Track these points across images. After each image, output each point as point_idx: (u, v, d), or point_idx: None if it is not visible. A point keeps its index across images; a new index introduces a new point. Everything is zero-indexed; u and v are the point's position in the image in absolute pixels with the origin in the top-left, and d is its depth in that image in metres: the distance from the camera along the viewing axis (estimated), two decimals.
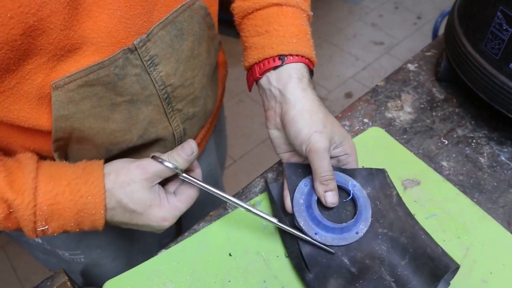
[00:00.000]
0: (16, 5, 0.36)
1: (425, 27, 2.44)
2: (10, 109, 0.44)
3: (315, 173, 0.51)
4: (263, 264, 0.53)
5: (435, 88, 0.76)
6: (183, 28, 0.50)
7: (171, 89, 0.52)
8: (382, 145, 0.66)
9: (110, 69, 0.45)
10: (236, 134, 1.97)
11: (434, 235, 0.53)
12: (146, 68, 0.48)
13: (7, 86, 0.42)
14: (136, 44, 0.46)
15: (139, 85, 0.49)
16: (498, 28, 0.60)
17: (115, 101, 0.48)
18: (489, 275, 0.52)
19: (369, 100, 0.74)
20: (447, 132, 0.69)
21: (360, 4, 2.62)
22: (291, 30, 0.55)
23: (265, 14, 0.56)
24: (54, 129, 0.47)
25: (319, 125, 0.51)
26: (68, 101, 0.45)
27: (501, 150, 0.66)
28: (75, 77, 0.44)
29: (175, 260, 0.54)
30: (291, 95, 0.52)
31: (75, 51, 0.43)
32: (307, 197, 0.53)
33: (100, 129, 0.49)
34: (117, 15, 0.44)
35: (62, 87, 0.44)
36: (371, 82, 2.13)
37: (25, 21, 0.37)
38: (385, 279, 0.48)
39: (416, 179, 0.61)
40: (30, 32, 0.38)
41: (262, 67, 0.55)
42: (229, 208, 0.59)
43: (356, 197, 0.53)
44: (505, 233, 0.56)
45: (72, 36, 0.42)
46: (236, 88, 2.18)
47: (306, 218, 0.51)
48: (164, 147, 0.57)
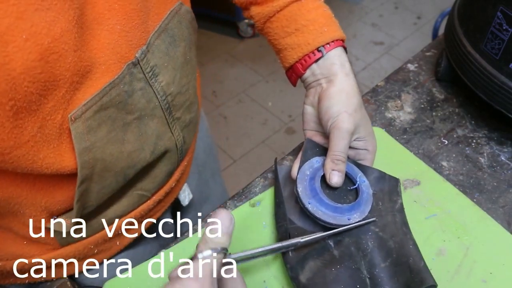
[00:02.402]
0: (28, 25, 0.35)
1: (425, 27, 2.44)
2: (35, 160, 0.40)
3: (330, 150, 0.52)
4: (263, 264, 0.53)
5: (435, 88, 0.76)
6: (174, 35, 0.50)
7: (171, 98, 0.52)
8: (382, 145, 0.65)
9: (120, 87, 0.44)
10: (236, 134, 1.97)
11: (434, 235, 0.53)
12: (148, 80, 0.47)
13: (30, 133, 0.38)
14: (138, 57, 0.45)
15: (144, 99, 0.48)
16: (498, 28, 0.60)
17: (126, 120, 0.47)
18: (489, 275, 0.52)
19: (369, 100, 0.74)
20: (447, 132, 0.69)
21: (360, 4, 2.62)
22: (319, 21, 0.56)
23: (288, 13, 0.57)
24: (79, 165, 0.43)
25: (351, 107, 0.53)
26: (87, 131, 0.42)
27: (501, 150, 0.66)
28: (91, 104, 0.42)
29: (175, 260, 0.54)
30: (334, 77, 0.55)
31: (87, 75, 0.41)
32: (314, 171, 0.54)
33: (118, 153, 0.47)
34: (117, 29, 0.42)
35: (80, 117, 0.41)
36: (371, 82, 2.13)
37: (40, 42, 0.35)
38: (362, 272, 0.48)
39: (416, 179, 0.61)
40: (47, 56, 0.36)
41: (304, 63, 0.56)
42: (229, 208, 0.60)
43: (361, 190, 0.53)
44: (505, 233, 0.56)
45: (83, 57, 0.40)
46: (236, 88, 2.18)
47: (305, 187, 0.52)
48: (169, 160, 0.57)
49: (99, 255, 0.57)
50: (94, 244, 0.55)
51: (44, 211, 0.47)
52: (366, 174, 0.56)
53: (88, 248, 0.55)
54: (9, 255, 0.51)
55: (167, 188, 0.60)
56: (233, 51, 2.40)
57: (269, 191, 0.60)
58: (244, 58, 2.34)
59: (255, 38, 2.44)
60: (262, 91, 2.17)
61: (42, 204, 0.46)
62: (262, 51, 2.36)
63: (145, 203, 0.58)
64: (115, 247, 0.59)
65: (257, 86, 2.19)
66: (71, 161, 0.43)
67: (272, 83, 2.20)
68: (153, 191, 0.58)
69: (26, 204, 0.45)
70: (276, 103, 2.11)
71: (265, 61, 2.30)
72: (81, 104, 0.41)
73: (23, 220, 0.47)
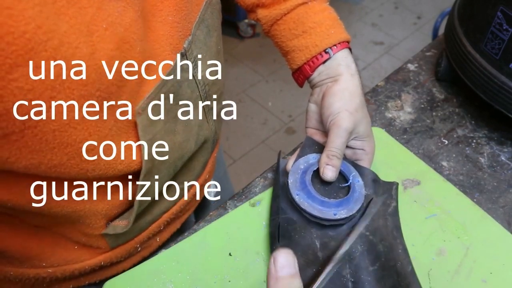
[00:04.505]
0: (106, 14, 0.35)
1: (425, 27, 2.44)
2: (112, 155, 0.41)
3: (326, 145, 0.53)
4: (263, 264, 0.53)
5: (435, 88, 0.76)
6: (209, 25, 0.51)
7: (208, 88, 0.52)
8: (382, 145, 0.66)
9: (174, 78, 0.44)
10: (236, 134, 1.97)
11: (434, 235, 0.53)
12: (192, 70, 0.48)
13: (108, 127, 0.38)
14: (186, 47, 0.46)
15: (190, 89, 0.48)
16: (498, 28, 0.60)
17: (177, 111, 0.47)
18: (489, 275, 0.52)
19: (369, 100, 0.74)
20: (447, 132, 0.69)
21: (360, 4, 2.62)
22: (326, 23, 0.57)
23: (296, 16, 0.58)
24: (144, 159, 0.43)
25: (352, 106, 0.53)
26: (150, 123, 0.43)
27: (501, 150, 0.66)
28: (153, 95, 0.42)
29: (175, 260, 0.54)
30: (340, 76, 0.56)
31: (149, 66, 0.41)
32: (308, 166, 0.55)
33: (172, 144, 0.48)
34: (169, 21, 0.43)
35: (144, 109, 0.41)
36: (371, 82, 2.13)
37: (116, 31, 0.36)
38: (344, 276, 0.48)
39: (416, 179, 0.61)
40: (121, 45, 0.37)
41: (312, 64, 0.57)
42: (229, 208, 0.60)
43: (352, 189, 0.54)
44: (505, 233, 0.56)
45: (146, 48, 0.40)
46: (236, 88, 2.18)
47: (296, 179, 0.53)
48: (206, 150, 0.58)
49: (141, 253, 0.58)
50: (140, 243, 0.55)
51: (103, 218, 0.47)
52: (362, 175, 0.56)
53: (135, 247, 0.55)
54: (59, 261, 0.51)
55: (201, 181, 0.61)
56: (233, 51, 2.40)
57: (269, 191, 0.60)
58: (244, 58, 2.34)
59: (255, 38, 2.44)
60: (262, 91, 2.17)
61: (102, 212, 0.47)
62: (262, 51, 2.36)
63: (183, 197, 0.58)
64: (155, 244, 0.59)
65: (257, 86, 2.19)
66: (138, 156, 0.43)
67: (272, 83, 2.20)
68: (190, 185, 0.59)
69: (86, 215, 0.46)
70: (276, 103, 2.11)
71: (265, 61, 2.30)
72: (145, 97, 0.41)
73: (79, 227, 0.47)
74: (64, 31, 0.32)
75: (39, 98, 0.32)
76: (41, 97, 0.32)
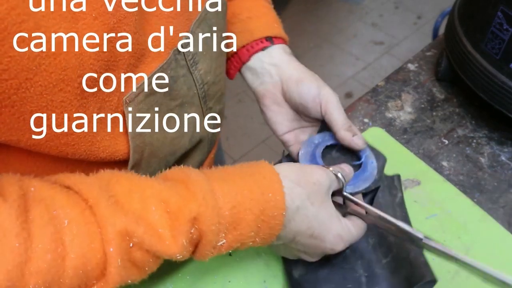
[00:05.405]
0: (99, 4, 0.36)
1: (425, 27, 2.44)
2: (93, 142, 0.41)
3: (336, 123, 0.52)
4: (263, 264, 0.53)
5: (435, 88, 0.76)
6: (212, 25, 0.51)
7: (207, 87, 0.52)
8: (382, 145, 0.65)
9: (167, 72, 0.44)
10: (236, 134, 1.97)
11: (434, 235, 0.53)
12: (189, 67, 0.48)
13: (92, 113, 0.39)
14: (182, 44, 0.46)
15: (186, 86, 0.48)
16: (499, 28, 0.60)
17: (170, 106, 0.47)
18: None
19: (369, 100, 0.74)
20: (447, 132, 0.69)
21: (360, 4, 2.62)
22: (271, 15, 0.60)
23: (241, 3, 0.60)
24: (131, 149, 0.44)
25: (322, 82, 0.54)
26: (139, 117, 0.43)
27: (501, 150, 0.66)
28: (143, 88, 0.42)
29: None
30: (288, 65, 0.56)
31: (141, 58, 0.42)
32: (323, 142, 0.54)
33: (163, 138, 0.48)
34: (165, 15, 0.43)
35: (133, 100, 0.42)
36: (371, 82, 2.13)
37: (107, 22, 0.36)
38: (357, 271, 0.48)
39: (416, 179, 0.61)
40: (111, 36, 0.37)
41: (251, 49, 0.57)
42: None
43: (364, 167, 0.52)
44: (505, 233, 0.56)
45: (140, 41, 0.40)
46: (236, 88, 2.18)
47: (307, 152, 0.53)
48: (202, 150, 0.58)
49: None
50: None
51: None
52: (376, 159, 0.54)
53: None
54: None
55: None
56: None
57: None
58: None
59: None
60: None
61: None
62: None
63: None
64: None
65: None
66: (124, 145, 0.43)
67: None
68: None
69: None
70: None
71: None
72: (134, 88, 0.42)
73: None
74: (42, 15, 0.32)
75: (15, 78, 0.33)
76: (17, 77, 0.33)
